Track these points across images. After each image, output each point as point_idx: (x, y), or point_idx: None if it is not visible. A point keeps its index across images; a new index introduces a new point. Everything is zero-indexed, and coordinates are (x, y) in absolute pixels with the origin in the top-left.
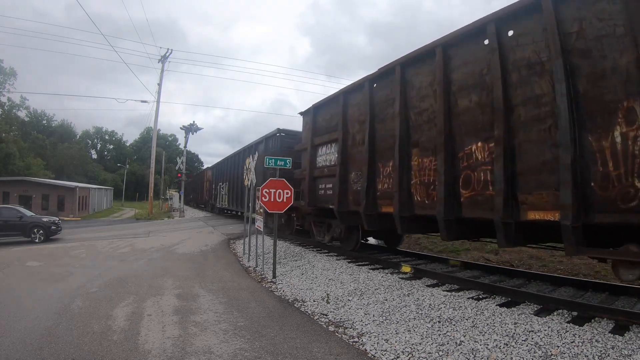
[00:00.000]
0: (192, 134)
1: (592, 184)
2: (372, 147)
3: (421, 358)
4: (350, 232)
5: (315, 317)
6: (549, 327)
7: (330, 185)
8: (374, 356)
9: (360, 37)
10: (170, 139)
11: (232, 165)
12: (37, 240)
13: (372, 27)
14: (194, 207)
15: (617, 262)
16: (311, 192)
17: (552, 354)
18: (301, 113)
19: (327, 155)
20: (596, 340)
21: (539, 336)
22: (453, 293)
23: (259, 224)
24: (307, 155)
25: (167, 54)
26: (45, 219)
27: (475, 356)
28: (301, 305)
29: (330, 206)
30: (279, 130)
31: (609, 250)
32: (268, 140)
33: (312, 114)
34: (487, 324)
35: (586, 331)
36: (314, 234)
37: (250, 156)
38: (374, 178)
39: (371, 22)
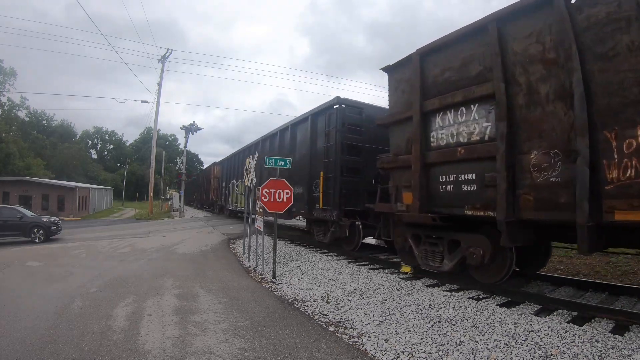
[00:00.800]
0: (192, 134)
1: None
2: (589, 102)
3: (421, 358)
4: (496, 254)
5: (315, 317)
6: (549, 327)
7: (470, 177)
8: (374, 356)
9: (359, 37)
10: (170, 139)
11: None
12: (37, 240)
13: (371, 27)
14: (197, 208)
15: None
16: (424, 189)
17: (552, 354)
18: (386, 68)
19: (460, 126)
20: (596, 340)
21: (539, 336)
22: (453, 293)
23: (259, 224)
24: (406, 131)
25: (167, 54)
26: (45, 219)
27: (475, 356)
28: (301, 305)
29: (476, 213)
30: (339, 100)
31: None
32: (317, 117)
33: (418, 65)
34: (487, 324)
35: (586, 331)
36: (415, 256)
37: (250, 156)
38: (595, 159)
39: (370, 22)
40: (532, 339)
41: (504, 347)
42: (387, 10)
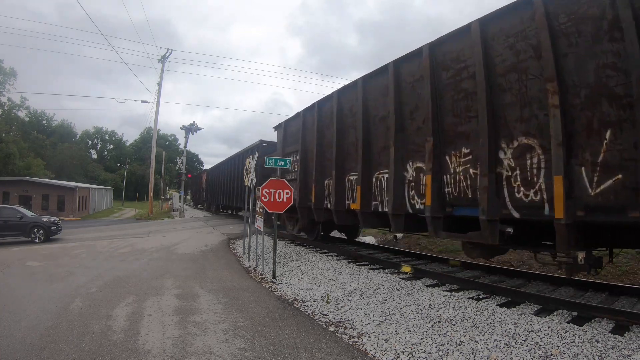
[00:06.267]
0: (192, 133)
1: None
2: None
3: (421, 358)
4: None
5: (315, 317)
6: (549, 327)
7: None
8: (374, 356)
9: (350, 36)
10: (170, 139)
11: None
12: (37, 240)
13: (361, 26)
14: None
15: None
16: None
17: (552, 354)
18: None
19: None
20: (596, 340)
21: (539, 336)
22: (453, 293)
23: (259, 224)
24: None
25: (167, 54)
26: (45, 219)
27: (475, 356)
28: (301, 305)
29: None
30: None
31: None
32: None
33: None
34: (487, 324)
35: (586, 331)
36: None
37: (251, 156)
38: None
39: (360, 21)
40: (532, 339)
41: (504, 347)
42: (376, 9)
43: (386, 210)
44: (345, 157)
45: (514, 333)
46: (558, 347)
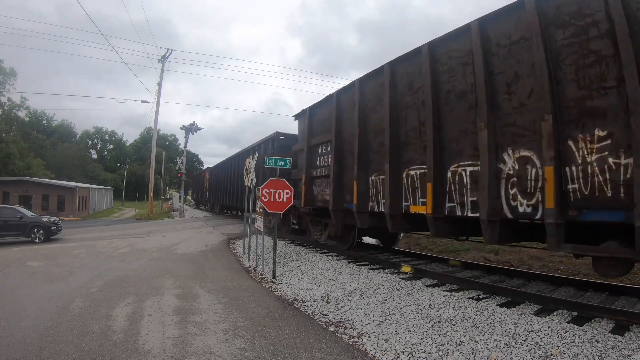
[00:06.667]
0: (193, 133)
1: None
2: None
3: (421, 358)
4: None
5: (315, 317)
6: (549, 327)
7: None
8: (374, 356)
9: (350, 36)
10: (170, 139)
11: None
12: (37, 240)
13: (361, 27)
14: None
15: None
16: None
17: (552, 354)
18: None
19: None
20: (596, 340)
21: (539, 336)
22: (453, 293)
23: (259, 224)
24: None
25: (167, 54)
26: (45, 219)
27: (475, 356)
28: (301, 305)
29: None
30: None
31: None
32: None
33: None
34: (487, 324)
35: (586, 331)
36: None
37: (251, 156)
38: None
39: (360, 21)
40: (532, 339)
41: (504, 347)
42: (376, 9)
43: (467, 214)
44: (403, 147)
45: (514, 333)
46: (558, 347)
